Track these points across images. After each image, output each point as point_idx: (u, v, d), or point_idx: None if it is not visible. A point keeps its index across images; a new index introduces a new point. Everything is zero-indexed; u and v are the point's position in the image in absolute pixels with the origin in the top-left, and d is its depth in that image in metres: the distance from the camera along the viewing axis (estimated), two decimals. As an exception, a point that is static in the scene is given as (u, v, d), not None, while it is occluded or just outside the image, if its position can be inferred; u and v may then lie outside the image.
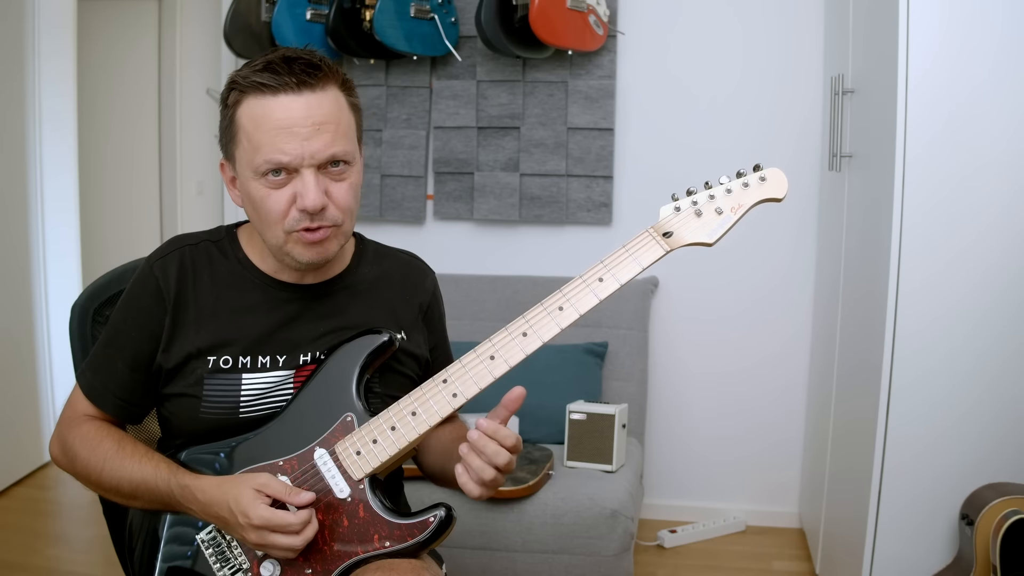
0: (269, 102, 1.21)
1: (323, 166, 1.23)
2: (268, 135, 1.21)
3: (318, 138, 1.21)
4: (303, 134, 1.21)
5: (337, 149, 1.23)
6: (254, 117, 1.22)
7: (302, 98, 1.21)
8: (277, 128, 1.21)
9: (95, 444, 1.29)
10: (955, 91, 1.85)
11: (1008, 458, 1.90)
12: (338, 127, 1.23)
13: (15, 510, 3.15)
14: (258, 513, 1.16)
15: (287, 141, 1.20)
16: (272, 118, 1.21)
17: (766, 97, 2.95)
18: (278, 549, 1.18)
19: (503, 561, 2.27)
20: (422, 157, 3.11)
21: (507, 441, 1.19)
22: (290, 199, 1.23)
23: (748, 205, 1.24)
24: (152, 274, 1.32)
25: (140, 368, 1.31)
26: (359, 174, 1.30)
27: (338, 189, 1.25)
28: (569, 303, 1.22)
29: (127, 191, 4.93)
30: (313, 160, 1.22)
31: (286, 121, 1.21)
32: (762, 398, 3.05)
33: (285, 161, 1.21)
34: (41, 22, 3.48)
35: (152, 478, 1.25)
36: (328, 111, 1.23)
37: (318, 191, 1.22)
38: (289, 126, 1.20)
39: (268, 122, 1.21)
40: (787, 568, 2.76)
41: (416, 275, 1.46)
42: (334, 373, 1.29)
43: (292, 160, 1.21)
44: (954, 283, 1.88)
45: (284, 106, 1.21)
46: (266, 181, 1.23)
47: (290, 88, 1.21)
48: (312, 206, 1.22)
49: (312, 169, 1.22)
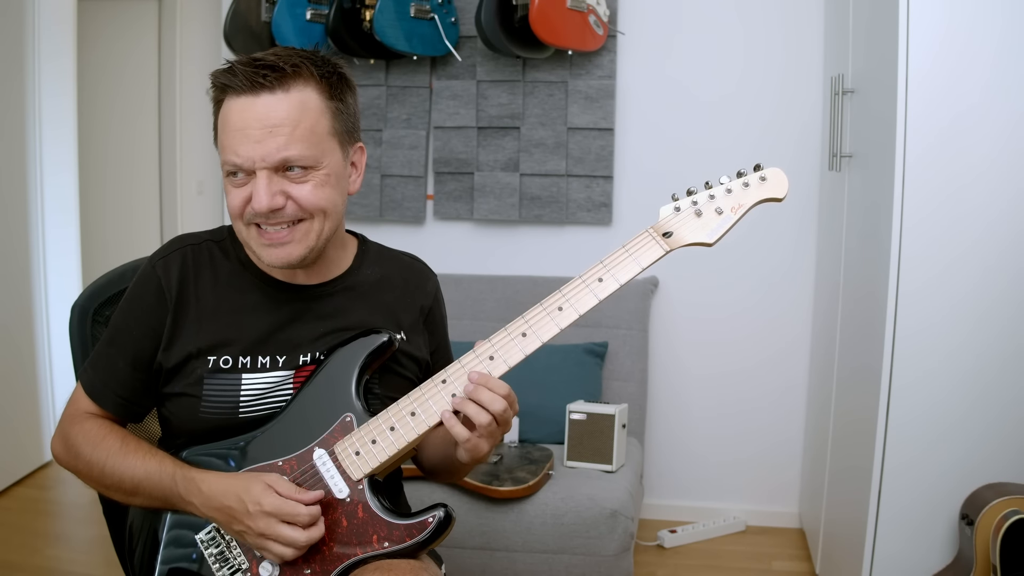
0: (231, 103, 1.23)
1: (279, 169, 1.23)
2: (226, 137, 1.23)
3: (270, 141, 1.21)
4: (255, 136, 1.20)
5: (291, 153, 1.22)
6: (223, 117, 1.24)
7: (257, 100, 1.21)
8: (233, 130, 1.22)
9: (98, 441, 1.29)
10: (955, 91, 1.85)
11: (1008, 458, 1.90)
12: (295, 130, 1.21)
13: (15, 510, 3.15)
14: (270, 500, 1.18)
15: (240, 143, 1.21)
16: (229, 120, 1.22)
17: (766, 97, 2.95)
18: (280, 542, 1.18)
19: (503, 561, 2.27)
20: (422, 157, 3.11)
21: (500, 389, 1.20)
22: (246, 198, 1.24)
23: (748, 205, 1.24)
24: (154, 273, 1.32)
25: (141, 367, 1.31)
26: (331, 173, 1.27)
27: (299, 190, 1.24)
28: (568, 303, 1.22)
29: (127, 191, 4.93)
30: (264, 163, 1.21)
31: (239, 123, 1.21)
32: (762, 398, 3.05)
33: (238, 163, 1.22)
34: (41, 22, 3.48)
35: (156, 473, 1.25)
36: (285, 114, 1.21)
37: (268, 193, 1.21)
38: (242, 128, 1.21)
39: (227, 124, 1.23)
40: (787, 568, 2.76)
41: (418, 277, 1.46)
42: (334, 373, 1.29)
43: (243, 162, 1.22)
44: (954, 283, 1.88)
45: (239, 108, 1.22)
46: (230, 180, 1.25)
47: (244, 90, 1.21)
48: (258, 207, 1.22)
49: (266, 171, 1.22)
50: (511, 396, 1.21)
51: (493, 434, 1.22)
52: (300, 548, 1.19)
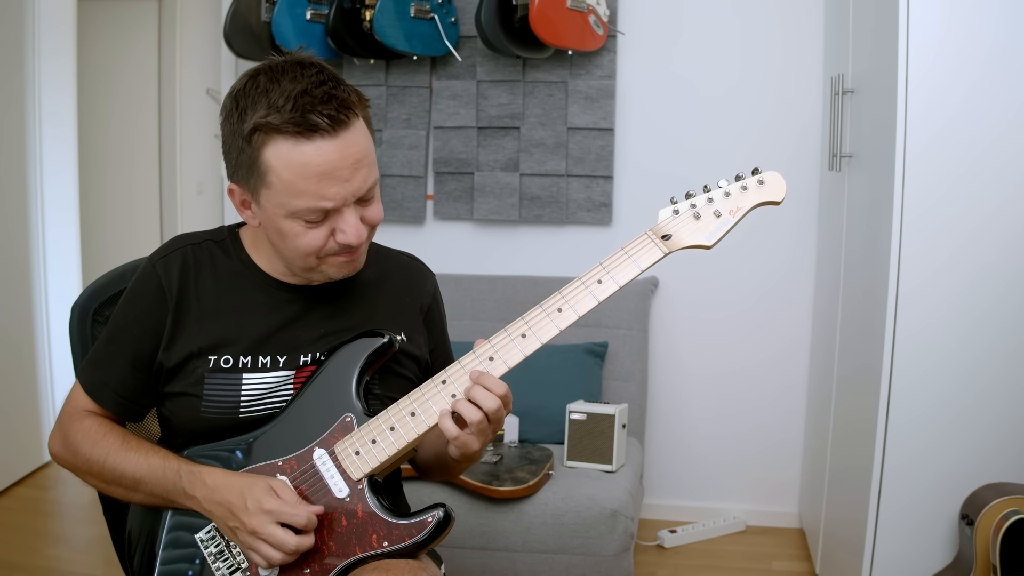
0: (304, 147, 1.16)
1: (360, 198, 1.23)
2: (309, 182, 1.17)
3: (357, 176, 1.20)
4: (344, 176, 1.18)
5: (372, 179, 1.23)
6: (288, 162, 1.17)
7: (338, 139, 1.17)
8: (319, 174, 1.17)
9: (98, 438, 1.29)
10: (955, 91, 1.85)
11: (1008, 458, 1.90)
12: (369, 157, 1.22)
13: (15, 510, 3.15)
14: (271, 501, 1.18)
15: (329, 186, 1.18)
16: (312, 165, 1.16)
17: (766, 97, 2.95)
18: (271, 543, 1.18)
19: (503, 561, 2.27)
20: (422, 157, 3.11)
21: (497, 388, 1.20)
22: (328, 233, 1.22)
23: (746, 208, 1.25)
24: (155, 273, 1.32)
25: (141, 366, 1.31)
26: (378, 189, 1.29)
27: (371, 210, 1.25)
28: (568, 305, 1.22)
29: (127, 191, 4.93)
30: (354, 197, 1.21)
31: (326, 167, 1.17)
32: (762, 398, 3.05)
33: (329, 207, 1.19)
34: (41, 22, 3.49)
35: (160, 468, 1.25)
36: (361, 145, 1.20)
37: (360, 227, 1.22)
38: (330, 172, 1.17)
39: (307, 169, 1.16)
40: (787, 568, 2.76)
41: (416, 277, 1.47)
42: (334, 374, 1.30)
43: (336, 204, 1.20)
44: (954, 283, 1.88)
45: (322, 151, 1.16)
46: (302, 222, 1.21)
47: (326, 132, 1.16)
48: (357, 243, 1.23)
49: (352, 206, 1.22)
50: (507, 396, 1.21)
51: (484, 432, 1.21)
52: (288, 553, 1.18)
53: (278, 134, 1.16)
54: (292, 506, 1.19)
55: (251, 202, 1.25)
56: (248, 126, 1.18)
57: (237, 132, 1.20)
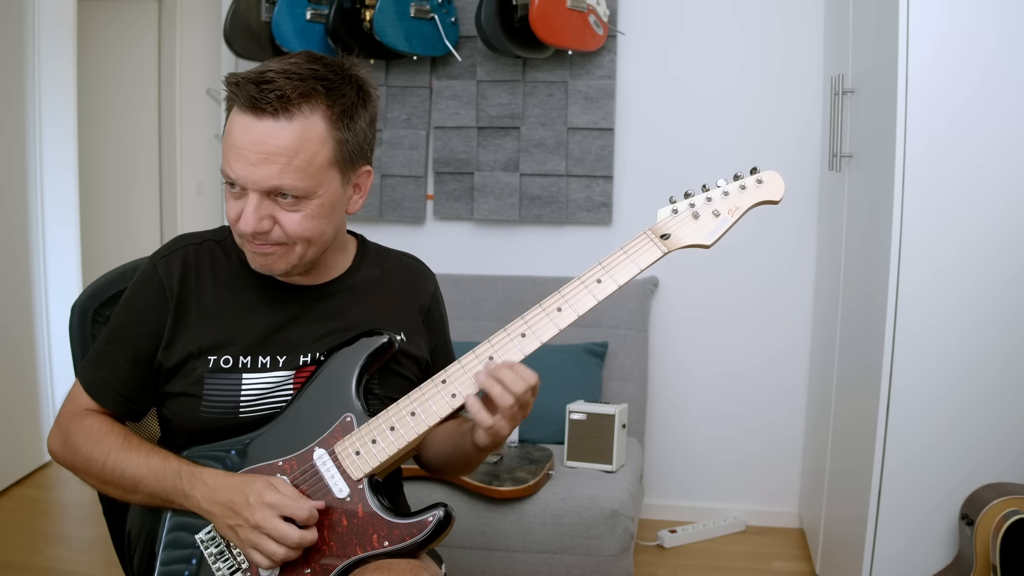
0: (236, 116, 1.21)
1: (271, 193, 1.22)
2: (226, 148, 1.22)
3: (264, 167, 1.19)
4: (250, 159, 1.19)
5: (284, 182, 1.20)
6: (228, 124, 1.23)
7: (260, 123, 1.19)
8: (231, 144, 1.21)
9: (99, 438, 1.29)
10: (955, 91, 1.85)
11: (1008, 458, 1.90)
12: (291, 160, 1.19)
13: (15, 510, 3.15)
14: (272, 494, 1.19)
15: (236, 160, 1.20)
16: (232, 132, 1.21)
17: (766, 97, 2.95)
18: (273, 537, 1.17)
19: (503, 561, 2.27)
20: (422, 157, 3.11)
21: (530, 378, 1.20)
22: (239, 213, 1.23)
23: (745, 207, 1.25)
24: (156, 272, 1.33)
25: (141, 365, 1.32)
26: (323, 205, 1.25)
27: (288, 218, 1.23)
28: (567, 304, 1.22)
29: (127, 191, 4.93)
30: (256, 186, 1.20)
31: (239, 141, 1.20)
32: (762, 398, 3.05)
33: (232, 177, 1.21)
34: (41, 22, 3.48)
35: (160, 469, 1.25)
36: (285, 143, 1.19)
37: (255, 216, 1.21)
38: (240, 146, 1.20)
39: (229, 136, 1.22)
40: (787, 568, 2.76)
41: (417, 277, 1.47)
42: (334, 374, 1.30)
43: (238, 179, 1.21)
44: (954, 283, 1.88)
45: (241, 125, 1.20)
46: (228, 187, 1.24)
47: (252, 110, 1.19)
48: (243, 230, 1.23)
49: (257, 194, 1.21)
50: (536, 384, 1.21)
51: (515, 417, 1.21)
52: (291, 547, 1.18)
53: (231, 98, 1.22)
54: (293, 499, 1.19)
55: None
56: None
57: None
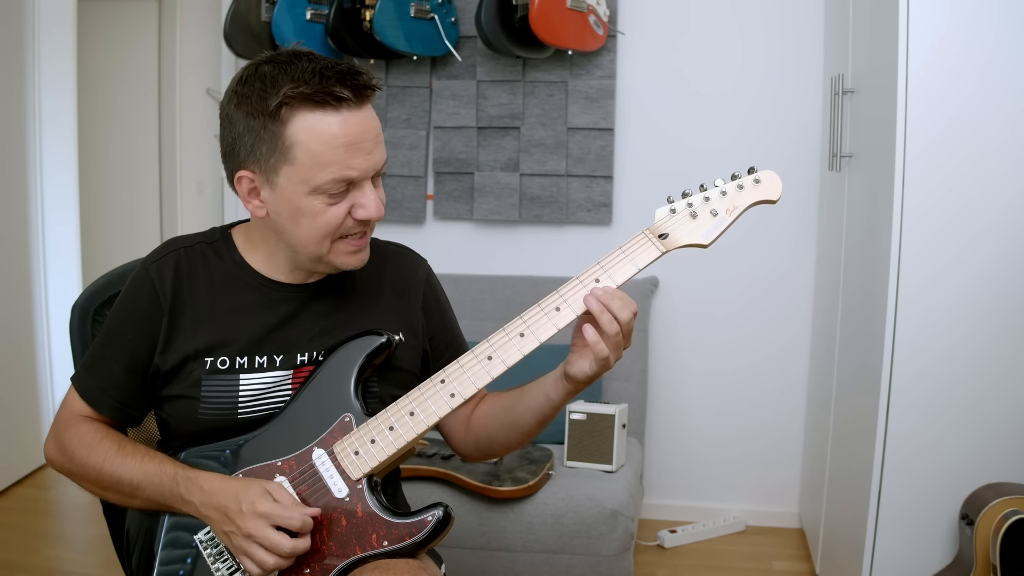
0: (331, 118, 1.19)
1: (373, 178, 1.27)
2: (336, 152, 1.20)
3: (378, 150, 1.25)
4: (367, 148, 1.22)
5: (385, 157, 1.28)
6: (315, 133, 1.19)
7: (361, 112, 1.22)
8: (345, 145, 1.20)
9: (94, 444, 1.29)
10: (955, 91, 1.85)
11: (1008, 458, 1.90)
12: (382, 135, 1.27)
13: (15, 510, 3.15)
14: (266, 504, 1.18)
15: (355, 156, 1.21)
16: (340, 135, 1.20)
17: (766, 97, 2.95)
18: (265, 546, 1.17)
19: (503, 561, 2.27)
20: (422, 157, 3.11)
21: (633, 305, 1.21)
22: (346, 211, 1.24)
23: (743, 207, 1.25)
24: (148, 277, 1.32)
25: (137, 371, 1.31)
26: None
27: (381, 193, 1.29)
28: (566, 304, 1.23)
29: (127, 191, 4.93)
30: (375, 171, 1.25)
31: (353, 137, 1.21)
32: (762, 398, 3.05)
33: (355, 176, 1.22)
34: (41, 22, 3.49)
35: (156, 474, 1.25)
36: (378, 122, 1.26)
37: (379, 201, 1.26)
38: (356, 142, 1.21)
39: (335, 139, 1.20)
40: (787, 568, 2.76)
41: (407, 265, 1.47)
42: (332, 374, 1.30)
43: (361, 175, 1.23)
44: (954, 283, 1.88)
45: (349, 122, 1.21)
46: (325, 197, 1.22)
47: (351, 103, 1.21)
48: (378, 215, 1.26)
49: (369, 180, 1.25)
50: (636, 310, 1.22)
51: (619, 346, 1.23)
52: (282, 556, 1.18)
53: (305, 106, 1.19)
54: (287, 508, 1.19)
55: (261, 189, 1.25)
56: (274, 101, 1.19)
57: (258, 111, 1.21)
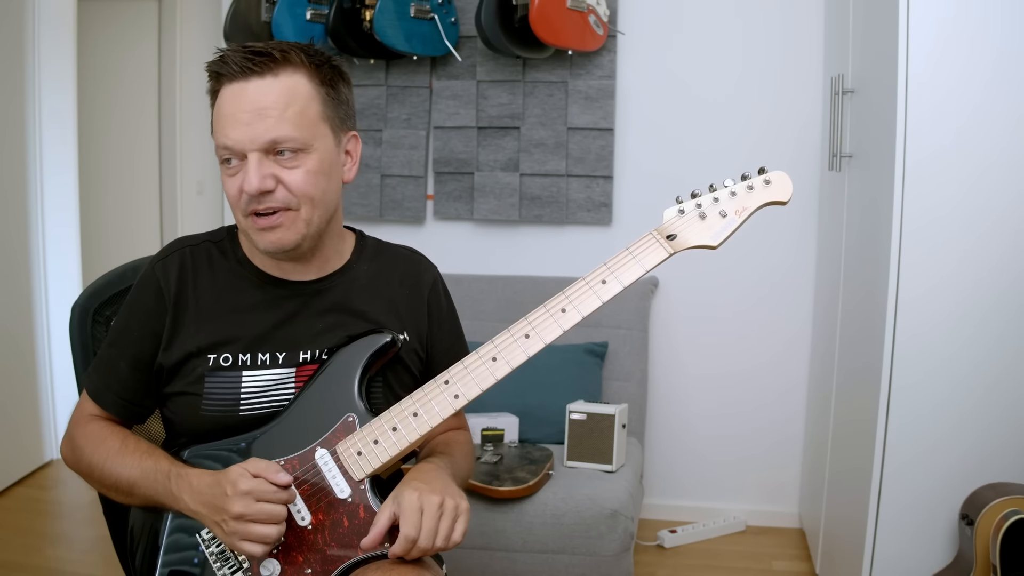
0: (224, 91, 1.26)
1: (270, 152, 1.24)
2: (219, 121, 1.26)
3: (259, 123, 1.23)
4: (244, 119, 1.23)
5: (279, 134, 1.23)
6: (217, 106, 1.27)
7: (247, 84, 1.24)
8: (224, 114, 1.25)
9: (99, 442, 1.30)
10: (955, 91, 1.85)
11: (1008, 458, 1.90)
12: (283, 112, 1.23)
13: (15, 510, 3.15)
14: (246, 481, 1.16)
15: (231, 127, 1.24)
16: (222, 104, 1.25)
17: (766, 97, 2.95)
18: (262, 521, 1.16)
19: (503, 561, 2.27)
20: (422, 157, 3.11)
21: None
22: (241, 185, 1.25)
23: (752, 208, 1.24)
24: (154, 275, 1.34)
25: (141, 368, 1.32)
26: (321, 160, 1.28)
27: (290, 175, 1.25)
28: (572, 305, 1.22)
29: (127, 191, 4.93)
30: (253, 145, 1.23)
31: (230, 107, 1.24)
32: (762, 398, 3.05)
33: (229, 144, 1.24)
34: (41, 22, 3.48)
35: (152, 471, 1.25)
36: (275, 98, 1.23)
37: (258, 174, 1.23)
38: (232, 112, 1.24)
39: (219, 108, 1.26)
40: (787, 568, 2.76)
41: (416, 269, 1.47)
42: (336, 374, 1.30)
43: (235, 144, 1.24)
44: (954, 284, 1.88)
45: (231, 94, 1.25)
46: (225, 167, 1.27)
47: (235, 76, 1.24)
48: (248, 188, 1.24)
49: (256, 154, 1.24)
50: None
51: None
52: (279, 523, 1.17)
53: (212, 79, 1.27)
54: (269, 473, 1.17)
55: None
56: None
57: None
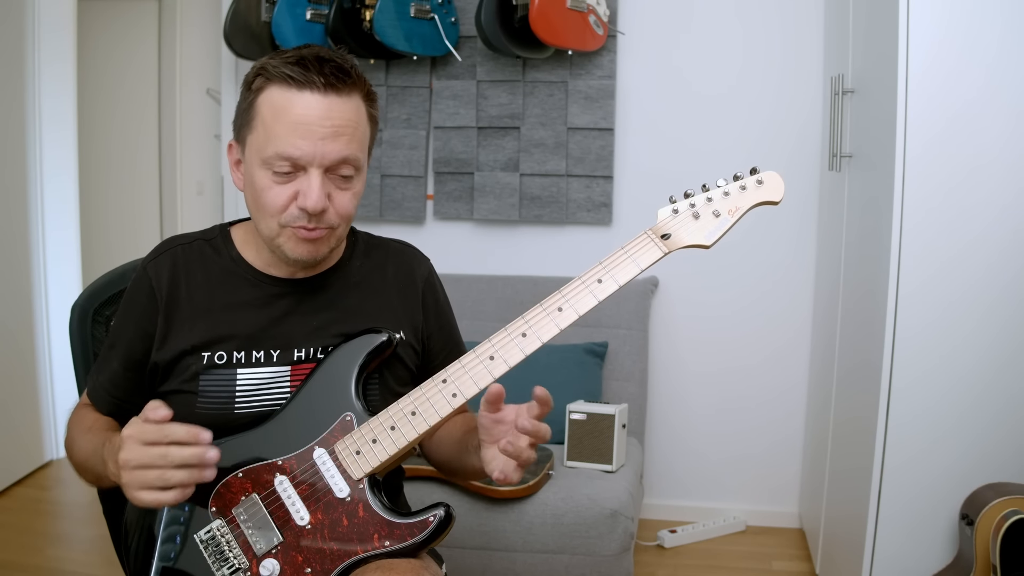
0: (293, 95, 1.22)
1: (330, 170, 1.25)
2: (285, 127, 1.22)
3: (333, 141, 1.23)
4: (320, 133, 1.22)
5: (349, 153, 1.25)
6: (275, 106, 1.23)
7: (326, 99, 1.23)
8: (295, 123, 1.22)
9: (72, 427, 1.35)
10: (955, 91, 1.85)
11: (1008, 458, 1.90)
12: (354, 134, 1.25)
13: (15, 510, 3.15)
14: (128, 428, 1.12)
15: (303, 137, 1.22)
16: (293, 112, 1.22)
17: (766, 97, 2.95)
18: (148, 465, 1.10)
19: (503, 561, 2.27)
20: (422, 157, 3.11)
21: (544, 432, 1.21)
22: (291, 195, 1.25)
23: (745, 208, 1.25)
24: (146, 275, 1.35)
25: (133, 367, 1.34)
26: (363, 183, 1.32)
27: (341, 196, 1.27)
28: (568, 304, 1.22)
29: (127, 191, 4.94)
30: (323, 161, 1.23)
31: (305, 117, 1.22)
32: (762, 398, 3.05)
33: (296, 156, 1.22)
34: (41, 22, 3.49)
35: (98, 446, 1.22)
36: (348, 117, 1.24)
37: (321, 193, 1.23)
38: (308, 123, 1.22)
39: (288, 115, 1.22)
40: (787, 568, 2.76)
41: (410, 263, 1.47)
42: (333, 372, 1.30)
43: (303, 156, 1.23)
44: (954, 283, 1.88)
45: (307, 103, 1.22)
46: (273, 175, 1.24)
47: (316, 87, 1.22)
48: (313, 207, 1.23)
49: (319, 170, 1.24)
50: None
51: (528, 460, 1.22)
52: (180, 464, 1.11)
53: (275, 81, 1.23)
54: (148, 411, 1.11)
55: (240, 159, 1.31)
56: (253, 73, 1.26)
57: (246, 84, 1.28)
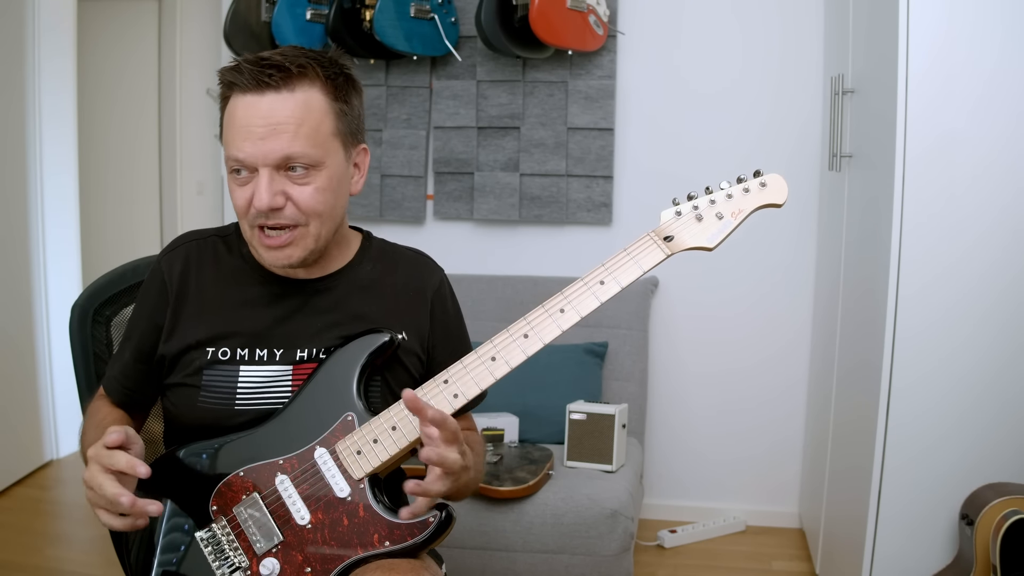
0: (236, 100, 1.25)
1: (282, 167, 1.24)
2: (232, 131, 1.25)
3: (273, 139, 1.22)
4: (258, 134, 1.22)
5: (294, 150, 1.23)
6: (228, 112, 1.26)
7: (263, 99, 1.23)
8: (239, 126, 1.24)
9: (85, 422, 1.36)
10: (955, 91, 1.85)
11: (1008, 458, 1.90)
12: (299, 128, 1.23)
13: (15, 510, 3.15)
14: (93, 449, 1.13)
15: (244, 139, 1.23)
16: (235, 115, 1.24)
17: (766, 97, 2.95)
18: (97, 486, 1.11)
19: (503, 561, 2.27)
20: (422, 157, 3.11)
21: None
22: (249, 198, 1.25)
23: (748, 210, 1.25)
24: (159, 268, 1.38)
25: (143, 358, 1.36)
26: (331, 177, 1.28)
27: (300, 192, 1.26)
28: (570, 305, 1.23)
29: (127, 191, 4.94)
30: (267, 160, 1.23)
31: (244, 119, 1.23)
32: (762, 398, 3.05)
33: (241, 158, 1.24)
34: (41, 22, 3.49)
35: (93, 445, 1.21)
36: (288, 113, 1.23)
37: (269, 191, 1.23)
38: (247, 125, 1.23)
39: (233, 119, 1.25)
40: (787, 568, 2.76)
41: (421, 272, 1.47)
42: (334, 372, 1.30)
43: (247, 158, 1.23)
44: (954, 283, 1.88)
45: (245, 104, 1.24)
46: (234, 177, 1.27)
47: (250, 88, 1.23)
48: (259, 205, 1.24)
49: (268, 169, 1.23)
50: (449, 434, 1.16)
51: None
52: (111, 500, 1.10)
53: (224, 86, 1.26)
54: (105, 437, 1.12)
55: None
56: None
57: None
